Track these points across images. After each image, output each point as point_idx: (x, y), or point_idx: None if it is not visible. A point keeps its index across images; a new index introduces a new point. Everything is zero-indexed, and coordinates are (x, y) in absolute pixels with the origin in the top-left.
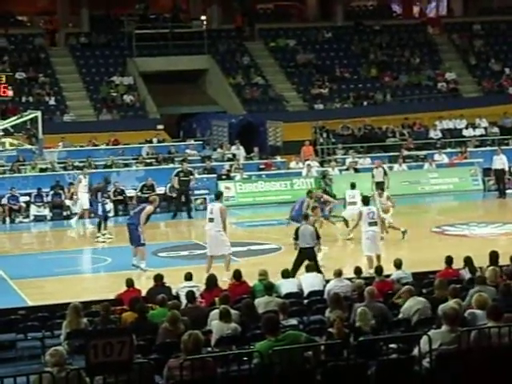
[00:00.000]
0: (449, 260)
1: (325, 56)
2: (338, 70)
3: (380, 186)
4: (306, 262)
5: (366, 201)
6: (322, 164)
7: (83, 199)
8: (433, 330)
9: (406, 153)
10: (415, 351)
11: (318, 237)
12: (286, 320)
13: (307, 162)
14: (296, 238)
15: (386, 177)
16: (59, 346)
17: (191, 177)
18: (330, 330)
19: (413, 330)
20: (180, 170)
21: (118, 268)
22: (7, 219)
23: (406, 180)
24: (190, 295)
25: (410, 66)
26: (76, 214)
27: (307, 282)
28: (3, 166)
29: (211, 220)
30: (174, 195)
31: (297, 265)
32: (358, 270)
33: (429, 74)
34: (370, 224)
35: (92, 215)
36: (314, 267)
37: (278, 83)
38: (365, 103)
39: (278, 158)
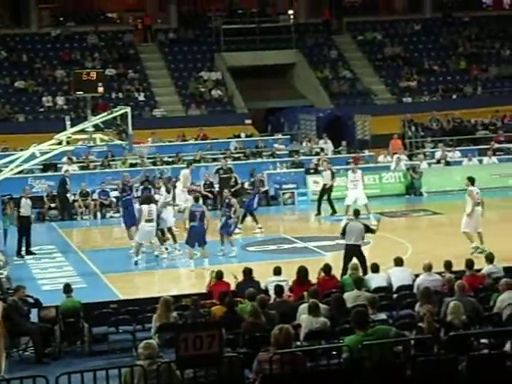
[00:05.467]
0: None
1: (413, 48)
2: (426, 63)
3: (328, 188)
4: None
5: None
6: (410, 157)
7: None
8: None
9: (496, 145)
10: (507, 346)
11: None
12: (375, 314)
13: (396, 156)
14: (343, 234)
15: (333, 179)
16: (151, 340)
17: (232, 174)
18: (420, 324)
19: (504, 325)
20: (220, 167)
21: (207, 262)
22: (98, 214)
23: (497, 173)
24: (278, 289)
25: (500, 58)
26: None
27: (396, 276)
28: (94, 162)
29: None
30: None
31: (346, 263)
32: (448, 264)
33: None
34: (477, 204)
35: None
36: (400, 261)
37: (366, 76)
38: (454, 96)
39: (366, 152)
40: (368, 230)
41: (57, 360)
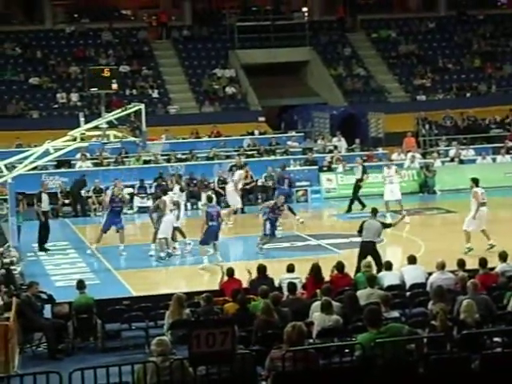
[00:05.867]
0: None
1: (427, 46)
2: (440, 61)
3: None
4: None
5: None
6: (424, 155)
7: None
8: None
9: (510, 144)
10: None
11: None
12: (388, 312)
13: (411, 154)
14: (360, 231)
15: (365, 175)
16: (164, 336)
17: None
18: (433, 322)
19: None
20: (234, 164)
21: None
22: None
23: (510, 171)
24: (291, 287)
25: None
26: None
27: (409, 274)
28: (108, 158)
29: None
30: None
31: (360, 260)
32: (461, 263)
33: None
34: (482, 204)
35: None
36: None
37: (380, 74)
38: (468, 94)
39: (380, 150)
40: (385, 226)
41: (70, 356)
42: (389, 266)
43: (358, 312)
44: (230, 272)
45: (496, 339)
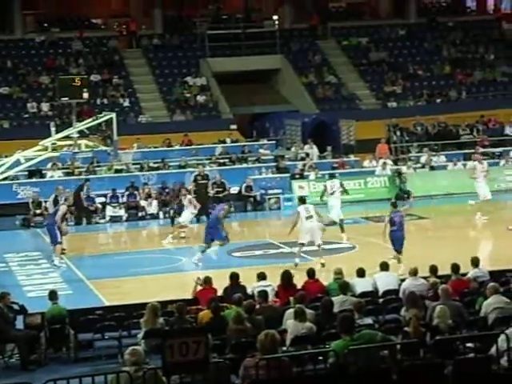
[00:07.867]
0: None
1: (398, 53)
2: (411, 68)
3: None
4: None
5: None
6: (395, 162)
7: None
8: (511, 329)
9: (481, 150)
10: (493, 350)
11: None
12: (361, 319)
13: (382, 160)
14: None
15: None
16: (138, 346)
17: (208, 182)
18: (406, 329)
19: (490, 329)
20: (197, 173)
21: (193, 268)
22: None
23: None
24: (263, 295)
25: (484, 63)
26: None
27: (382, 280)
28: (79, 168)
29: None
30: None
31: None
32: (433, 269)
33: (504, 70)
34: None
35: None
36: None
37: (351, 81)
38: (438, 100)
39: (352, 157)
40: None
41: (42, 367)
42: (362, 273)
43: (332, 319)
44: (207, 281)
45: (469, 345)
